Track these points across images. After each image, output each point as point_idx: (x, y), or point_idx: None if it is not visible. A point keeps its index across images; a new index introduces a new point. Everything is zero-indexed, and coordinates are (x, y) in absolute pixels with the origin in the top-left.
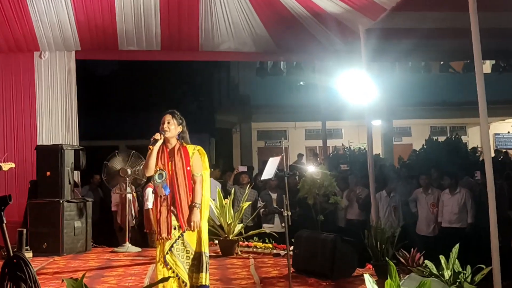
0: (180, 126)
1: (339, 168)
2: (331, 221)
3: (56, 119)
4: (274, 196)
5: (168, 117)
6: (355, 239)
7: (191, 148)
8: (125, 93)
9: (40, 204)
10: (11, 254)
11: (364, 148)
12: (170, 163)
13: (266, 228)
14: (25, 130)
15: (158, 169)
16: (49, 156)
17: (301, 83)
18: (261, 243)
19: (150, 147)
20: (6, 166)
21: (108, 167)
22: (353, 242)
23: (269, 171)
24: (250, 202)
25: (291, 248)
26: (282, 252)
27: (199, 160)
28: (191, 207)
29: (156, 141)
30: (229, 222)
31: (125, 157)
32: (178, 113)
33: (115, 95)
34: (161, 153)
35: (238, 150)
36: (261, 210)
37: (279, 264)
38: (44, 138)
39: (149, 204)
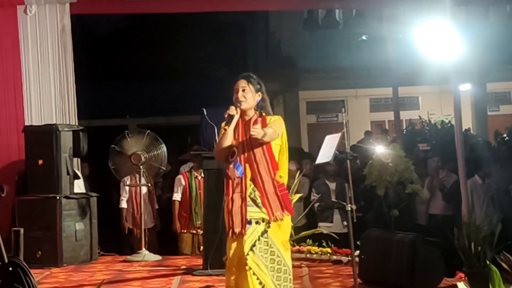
0: (259, 93)
1: (416, 148)
2: (408, 217)
3: (48, 92)
4: (332, 186)
5: (242, 83)
6: (441, 240)
7: (269, 117)
8: (135, 58)
9: (31, 201)
10: (6, 260)
11: (449, 122)
12: (245, 138)
13: (323, 227)
14: (9, 106)
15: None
16: (41, 139)
17: (364, 37)
18: (316, 247)
19: (225, 127)
20: None
21: (116, 153)
22: (438, 243)
23: (325, 152)
24: (300, 195)
25: (357, 253)
26: (345, 259)
27: (275, 125)
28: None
29: (231, 117)
30: None
31: (138, 140)
32: (254, 77)
33: (121, 60)
34: (236, 127)
35: None
36: (316, 205)
37: (340, 274)
38: (34, 116)
39: (177, 195)
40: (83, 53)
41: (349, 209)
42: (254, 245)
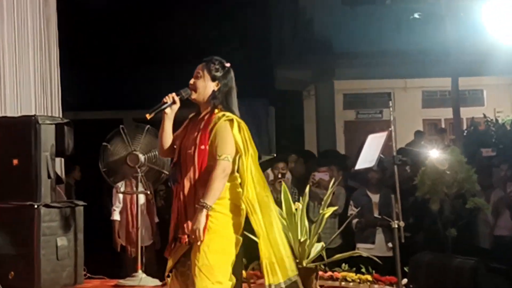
0: (216, 81)
1: (479, 153)
2: (468, 239)
3: (26, 77)
4: (375, 197)
5: (199, 68)
6: (509, 267)
7: (218, 116)
8: (133, 38)
9: (3, 210)
10: None
11: None
12: (188, 140)
13: (363, 249)
14: None
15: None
16: (16, 134)
17: (416, 15)
18: (354, 274)
19: (147, 115)
20: None
21: (108, 152)
22: (506, 271)
23: (368, 156)
24: (335, 208)
25: (404, 281)
26: None
27: (227, 133)
28: (197, 207)
29: (164, 106)
30: (302, 240)
31: (136, 137)
32: (216, 61)
33: (117, 40)
34: (188, 124)
35: (312, 125)
36: (354, 221)
37: None
38: (8, 106)
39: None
40: (69, 29)
41: (396, 226)
42: (175, 267)
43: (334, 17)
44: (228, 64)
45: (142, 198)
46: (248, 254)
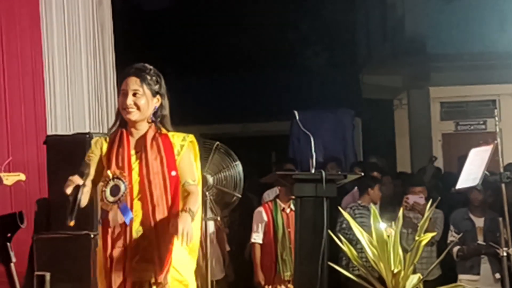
0: (157, 96)
1: None
2: None
3: (79, 90)
4: (479, 222)
5: (133, 83)
6: None
7: (178, 137)
8: (198, 43)
9: (55, 240)
10: None
11: None
12: (138, 164)
13: (466, 281)
14: (26, 109)
15: (111, 176)
16: (69, 155)
17: None
18: None
19: (71, 223)
20: (11, 178)
21: None
22: None
23: (471, 173)
24: (433, 234)
25: None
26: None
27: (191, 158)
28: (180, 213)
29: (78, 199)
30: (395, 271)
31: (203, 155)
32: (151, 71)
33: (179, 46)
34: (118, 146)
35: (405, 139)
36: (456, 249)
37: None
38: (59, 123)
39: (257, 236)
40: (126, 36)
41: (504, 255)
42: None
43: (428, 14)
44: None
45: (211, 226)
46: None
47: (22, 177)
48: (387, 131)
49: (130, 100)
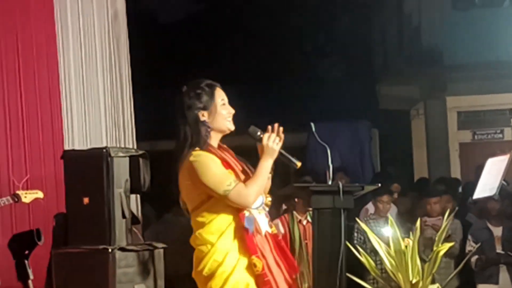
0: None
1: None
2: None
3: (95, 103)
4: (497, 231)
5: (222, 92)
6: None
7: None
8: (214, 55)
9: (73, 255)
10: None
11: None
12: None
13: None
14: (42, 124)
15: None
16: (87, 169)
17: None
18: None
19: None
20: (29, 196)
21: None
22: None
23: (488, 183)
24: (451, 244)
25: None
26: None
27: None
28: None
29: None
30: (414, 282)
31: None
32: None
33: (195, 59)
34: (227, 161)
35: (422, 150)
36: (474, 258)
37: None
38: (76, 138)
39: None
40: (142, 49)
41: None
42: None
43: (444, 24)
44: None
45: None
46: None
47: (40, 194)
48: (404, 142)
49: (230, 109)
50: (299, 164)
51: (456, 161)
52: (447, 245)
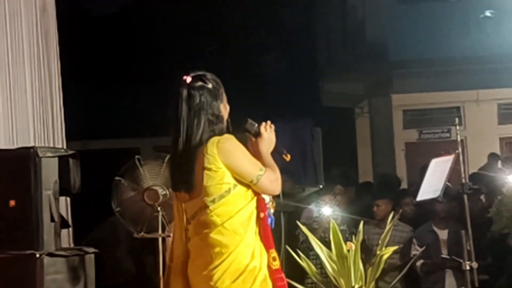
0: None
1: None
2: None
3: (22, 100)
4: (443, 234)
5: None
6: None
7: None
8: (149, 50)
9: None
10: None
11: None
12: None
13: None
14: None
15: None
16: (13, 170)
17: (488, 13)
18: None
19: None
20: None
21: (122, 188)
22: None
23: (432, 184)
24: (396, 247)
25: None
26: None
27: None
28: None
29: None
30: (356, 287)
31: (154, 169)
32: None
33: (130, 54)
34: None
35: (367, 149)
36: (419, 263)
37: None
38: (2, 137)
39: None
40: (73, 43)
41: (468, 268)
42: None
43: (389, 19)
44: None
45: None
46: None
47: None
48: (348, 141)
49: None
50: (289, 156)
51: (402, 160)
52: (391, 249)
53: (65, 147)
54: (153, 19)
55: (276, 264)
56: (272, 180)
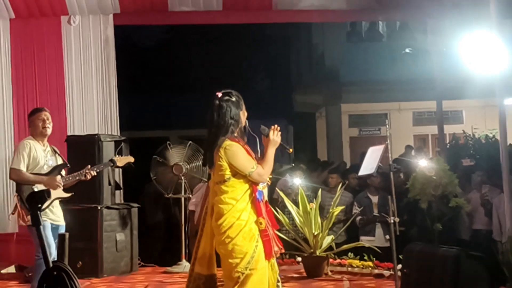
0: None
1: (459, 163)
2: (451, 231)
3: (90, 102)
4: (374, 199)
5: None
6: (485, 255)
7: None
8: (177, 70)
9: (73, 211)
10: (50, 265)
11: (494, 136)
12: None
13: (365, 241)
14: (52, 116)
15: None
16: (83, 150)
17: (407, 50)
18: (358, 261)
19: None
20: (122, 160)
21: (157, 163)
22: (482, 258)
23: (369, 164)
24: (342, 207)
25: (399, 266)
26: (387, 272)
27: None
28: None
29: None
30: (315, 233)
31: (180, 150)
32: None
33: (164, 71)
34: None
35: (323, 141)
36: (358, 218)
37: None
38: (76, 126)
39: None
40: (125, 64)
41: (392, 222)
42: None
43: (341, 52)
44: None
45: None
46: None
47: (131, 159)
48: (310, 135)
49: None
50: (291, 150)
51: (347, 149)
52: (339, 208)
53: (119, 134)
54: (181, 51)
55: (262, 226)
56: (260, 174)
